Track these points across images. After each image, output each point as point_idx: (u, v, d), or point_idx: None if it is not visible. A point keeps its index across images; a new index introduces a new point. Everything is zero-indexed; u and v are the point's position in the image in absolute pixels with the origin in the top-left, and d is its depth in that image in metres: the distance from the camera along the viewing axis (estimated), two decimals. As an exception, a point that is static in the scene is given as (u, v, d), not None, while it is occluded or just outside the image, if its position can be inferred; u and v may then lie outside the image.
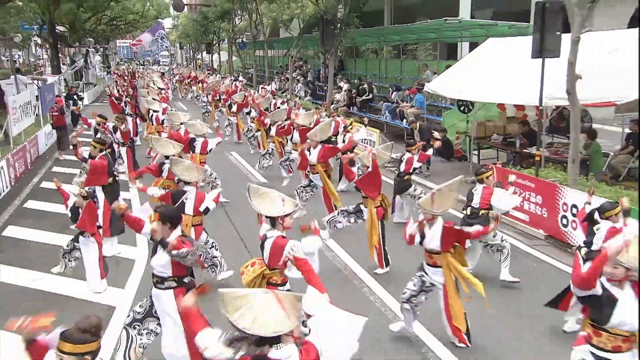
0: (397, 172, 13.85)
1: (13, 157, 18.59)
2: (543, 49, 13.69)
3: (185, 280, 7.27)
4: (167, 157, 12.73)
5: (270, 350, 4.42)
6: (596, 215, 8.53)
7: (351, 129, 17.73)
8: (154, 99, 25.07)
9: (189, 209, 10.38)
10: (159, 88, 33.29)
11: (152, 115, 22.65)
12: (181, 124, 17.49)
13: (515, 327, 9.25)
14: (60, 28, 48.26)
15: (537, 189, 12.80)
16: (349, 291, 10.75)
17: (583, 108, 17.36)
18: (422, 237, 8.59)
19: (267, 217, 7.59)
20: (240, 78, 47.99)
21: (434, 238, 8.43)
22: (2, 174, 17.15)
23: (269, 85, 37.95)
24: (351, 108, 27.37)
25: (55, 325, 5.31)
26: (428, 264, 8.65)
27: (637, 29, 15.85)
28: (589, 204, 9.21)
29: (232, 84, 35.42)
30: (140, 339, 7.38)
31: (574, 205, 11.74)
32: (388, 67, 31.94)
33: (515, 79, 15.24)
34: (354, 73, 35.63)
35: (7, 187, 17.25)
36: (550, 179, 13.02)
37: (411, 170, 13.45)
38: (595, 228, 8.46)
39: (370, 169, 11.39)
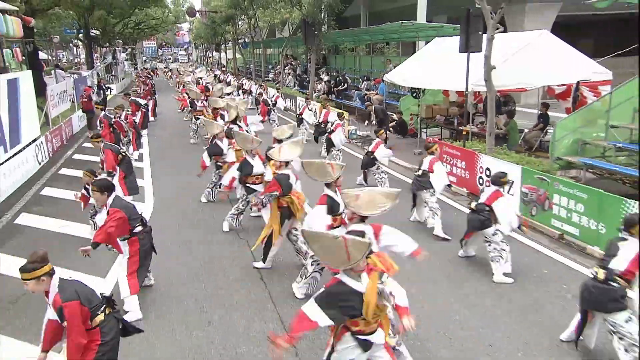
0: (366, 150, 14.04)
1: (51, 134, 19.39)
2: (468, 46, 14.24)
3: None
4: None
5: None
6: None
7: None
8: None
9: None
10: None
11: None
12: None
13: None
14: (94, 31, 48.52)
15: (462, 156, 13.46)
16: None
17: (508, 94, 18.16)
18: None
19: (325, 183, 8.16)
20: (217, 72, 44.46)
21: None
22: (42, 148, 17.93)
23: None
24: (330, 95, 27.63)
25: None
26: None
27: (543, 30, 16.49)
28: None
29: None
30: None
31: (488, 169, 12.48)
32: (361, 62, 32.32)
33: (453, 70, 15.51)
34: (335, 67, 35.80)
35: (46, 158, 18.01)
36: (473, 148, 13.65)
37: (376, 151, 13.14)
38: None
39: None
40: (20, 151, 16.08)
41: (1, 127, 14.94)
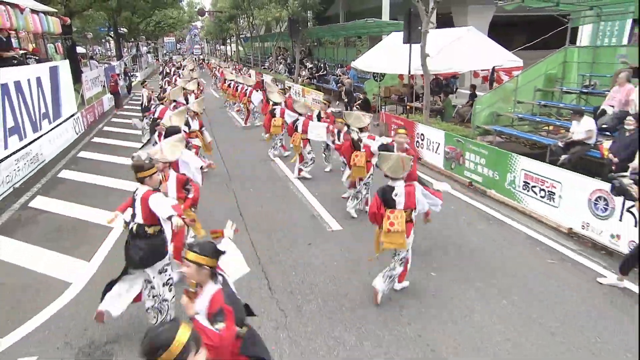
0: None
1: (85, 111, 20.13)
2: (410, 39, 14.91)
3: None
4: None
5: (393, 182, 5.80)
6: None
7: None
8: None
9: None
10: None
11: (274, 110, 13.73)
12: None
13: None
14: (121, 29, 48.66)
15: (405, 125, 14.07)
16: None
17: (449, 77, 18.90)
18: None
19: (359, 128, 8.97)
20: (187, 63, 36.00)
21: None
22: (79, 121, 18.70)
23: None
24: (312, 80, 27.87)
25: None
26: None
27: (470, 27, 16.94)
28: None
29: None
30: None
31: (422, 134, 13.39)
32: (338, 52, 32.42)
33: (404, 58, 15.59)
34: (318, 57, 35.88)
35: (82, 130, 18.73)
36: (414, 119, 14.39)
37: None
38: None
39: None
40: (61, 123, 16.63)
41: (46, 104, 15.47)
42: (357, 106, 19.39)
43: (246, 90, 19.51)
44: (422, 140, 13.49)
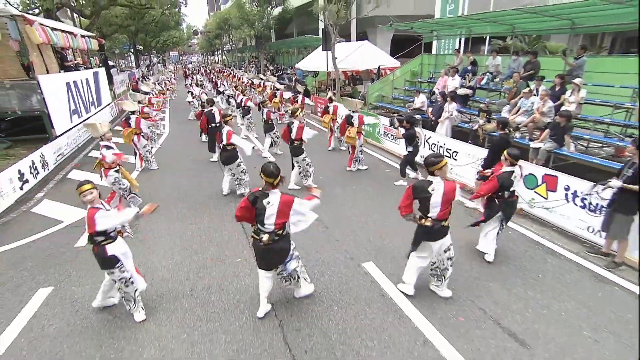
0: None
1: (117, 101, 20.99)
2: (326, 47, 16.25)
3: None
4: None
5: None
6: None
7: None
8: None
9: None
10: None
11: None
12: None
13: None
14: (138, 46, 48.35)
15: (324, 103, 15.93)
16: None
17: (359, 73, 20.38)
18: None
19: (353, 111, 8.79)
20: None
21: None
22: (113, 108, 19.34)
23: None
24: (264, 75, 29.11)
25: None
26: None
27: (365, 41, 18.06)
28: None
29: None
30: None
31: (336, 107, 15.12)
32: (293, 59, 32.73)
33: (329, 60, 16.45)
34: (280, 63, 36.24)
35: (114, 113, 19.39)
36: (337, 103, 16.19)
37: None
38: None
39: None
40: (102, 108, 17.37)
41: (92, 96, 16.15)
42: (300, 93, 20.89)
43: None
44: (335, 111, 15.21)
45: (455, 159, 8.57)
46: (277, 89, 15.34)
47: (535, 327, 4.18)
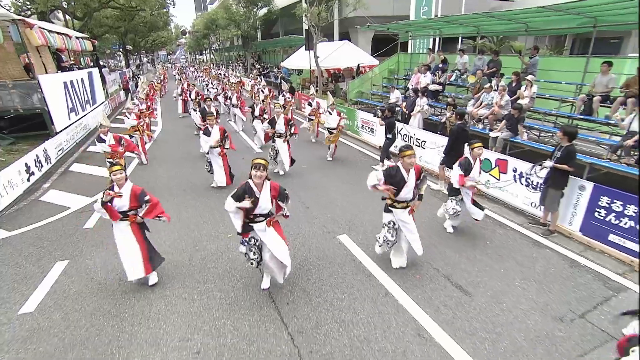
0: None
1: (109, 100, 20.99)
2: (308, 47, 16.76)
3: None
4: None
5: None
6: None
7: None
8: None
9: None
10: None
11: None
12: None
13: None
14: (128, 47, 48.11)
15: (307, 99, 16.37)
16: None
17: (341, 71, 20.93)
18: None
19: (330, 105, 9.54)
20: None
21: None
22: (107, 106, 19.43)
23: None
24: (260, 76, 29.35)
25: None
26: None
27: (345, 41, 18.55)
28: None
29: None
30: None
31: (318, 102, 15.33)
32: (278, 57, 32.75)
33: (312, 59, 16.97)
34: (266, 61, 36.23)
35: (109, 111, 19.54)
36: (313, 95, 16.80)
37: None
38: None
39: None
40: (97, 106, 17.59)
41: (87, 94, 16.36)
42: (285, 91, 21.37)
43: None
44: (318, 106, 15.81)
45: (424, 148, 9.30)
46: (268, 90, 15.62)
47: (478, 280, 4.94)
